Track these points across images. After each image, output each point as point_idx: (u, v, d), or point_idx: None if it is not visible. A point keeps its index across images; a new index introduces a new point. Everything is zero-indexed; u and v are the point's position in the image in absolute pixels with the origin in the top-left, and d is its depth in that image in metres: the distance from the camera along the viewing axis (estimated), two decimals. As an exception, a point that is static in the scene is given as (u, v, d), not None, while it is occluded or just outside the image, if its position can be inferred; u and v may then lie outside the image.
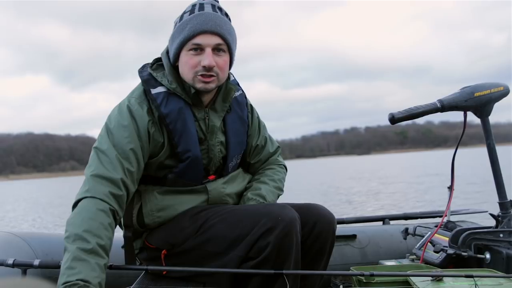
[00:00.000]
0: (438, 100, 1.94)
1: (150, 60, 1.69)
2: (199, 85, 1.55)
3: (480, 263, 1.88)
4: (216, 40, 1.53)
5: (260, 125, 1.82)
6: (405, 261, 2.08)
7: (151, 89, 1.57)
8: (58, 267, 1.42)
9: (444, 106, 1.92)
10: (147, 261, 1.65)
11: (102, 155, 1.49)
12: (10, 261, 1.44)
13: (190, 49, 1.54)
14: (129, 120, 1.53)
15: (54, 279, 1.76)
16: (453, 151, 1.97)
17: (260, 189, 1.70)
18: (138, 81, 1.64)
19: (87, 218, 1.37)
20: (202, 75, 1.54)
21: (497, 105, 1.97)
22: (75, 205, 1.43)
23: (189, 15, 1.54)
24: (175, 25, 1.59)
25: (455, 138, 2.01)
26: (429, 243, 2.00)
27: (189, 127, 1.57)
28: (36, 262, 1.45)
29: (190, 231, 1.55)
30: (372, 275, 1.56)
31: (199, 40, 1.52)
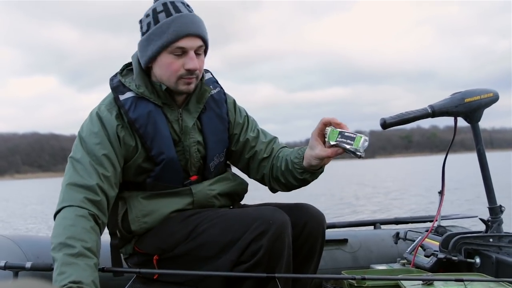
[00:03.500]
0: (429, 106, 1.95)
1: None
2: (183, 87, 1.56)
3: (470, 268, 1.89)
4: (198, 42, 1.54)
5: (248, 119, 1.78)
6: (396, 266, 2.08)
7: (120, 96, 1.57)
8: (50, 269, 1.43)
9: (435, 112, 1.93)
10: (138, 265, 1.65)
11: (76, 164, 1.51)
12: (2, 263, 1.45)
13: (172, 52, 1.53)
14: (99, 126, 1.55)
15: (45, 281, 1.77)
16: (458, 156, 1.98)
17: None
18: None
19: (68, 226, 1.39)
20: (185, 78, 1.54)
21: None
22: (54, 217, 1.46)
23: (166, 16, 1.53)
24: (147, 26, 1.56)
25: (460, 143, 2.02)
26: (420, 248, 2.00)
27: (161, 130, 1.57)
28: (28, 265, 1.46)
29: (181, 236, 1.56)
30: (363, 279, 1.57)
31: (183, 43, 1.52)
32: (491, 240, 1.89)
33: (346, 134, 1.48)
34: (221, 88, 1.73)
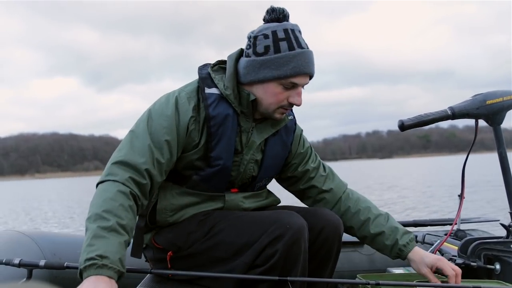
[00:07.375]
0: (449, 108, 1.91)
1: (175, 63, 1.71)
2: (277, 116, 1.58)
3: (489, 274, 1.84)
4: (307, 80, 1.56)
5: (312, 150, 1.81)
6: (413, 270, 2.05)
7: (206, 88, 1.56)
8: (63, 268, 1.43)
9: (455, 114, 1.89)
10: (153, 261, 1.65)
11: (135, 140, 1.49)
12: (17, 261, 1.45)
13: (284, 85, 1.53)
14: (173, 111, 1.52)
15: (60, 278, 1.78)
16: (477, 156, 1.94)
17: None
18: (162, 83, 1.64)
19: (108, 199, 1.37)
20: (284, 108, 1.57)
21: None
22: (97, 186, 1.44)
23: (288, 48, 1.51)
24: (265, 49, 1.52)
25: (480, 143, 1.97)
26: (438, 252, 1.96)
27: (229, 136, 1.55)
28: (42, 263, 1.46)
29: (198, 236, 1.55)
30: (378, 284, 1.54)
31: (297, 80, 1.53)
32: (512, 246, 1.84)
33: None
34: (294, 117, 1.74)
